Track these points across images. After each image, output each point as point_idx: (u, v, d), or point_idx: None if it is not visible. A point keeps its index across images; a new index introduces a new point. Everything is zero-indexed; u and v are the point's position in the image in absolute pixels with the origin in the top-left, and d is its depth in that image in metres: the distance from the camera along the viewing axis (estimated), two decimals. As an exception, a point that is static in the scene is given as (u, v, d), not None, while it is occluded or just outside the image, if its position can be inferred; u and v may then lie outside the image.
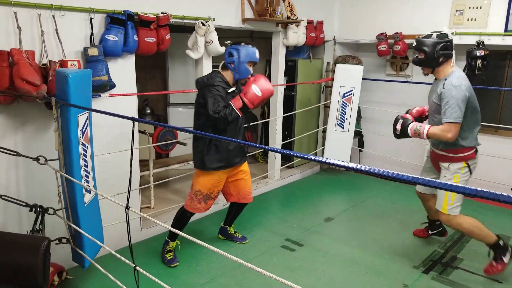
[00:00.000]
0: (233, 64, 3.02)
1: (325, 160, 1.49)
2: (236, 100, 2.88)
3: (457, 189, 1.17)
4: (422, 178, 1.22)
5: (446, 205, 3.08)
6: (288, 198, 5.06)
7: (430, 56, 2.97)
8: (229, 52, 3.05)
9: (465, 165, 3.08)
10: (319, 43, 5.60)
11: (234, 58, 3.01)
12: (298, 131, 5.81)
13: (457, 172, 3.08)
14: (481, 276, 3.28)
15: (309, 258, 3.55)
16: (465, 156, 3.07)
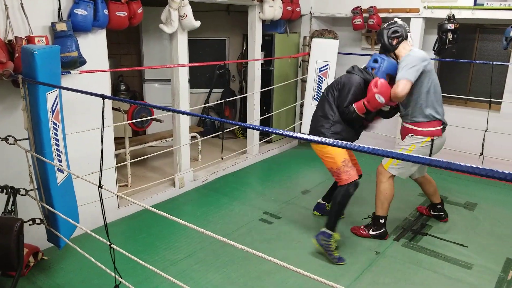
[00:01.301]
0: (374, 70, 3.22)
1: (290, 134, 1.52)
2: (359, 105, 3.12)
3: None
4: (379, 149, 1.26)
5: (390, 163, 3.36)
6: (266, 173, 5.13)
7: (384, 43, 3.26)
8: (374, 58, 3.26)
9: (428, 140, 3.24)
10: (296, 17, 5.56)
11: (377, 65, 3.22)
12: (276, 106, 5.83)
13: (416, 143, 3.27)
14: (448, 242, 3.46)
15: (286, 229, 3.65)
16: (429, 132, 3.23)
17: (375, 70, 3.20)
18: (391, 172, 3.36)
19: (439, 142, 3.30)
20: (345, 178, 3.21)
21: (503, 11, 4.45)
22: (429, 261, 3.19)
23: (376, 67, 3.21)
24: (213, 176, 4.69)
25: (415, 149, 3.26)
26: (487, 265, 3.14)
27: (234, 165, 5.00)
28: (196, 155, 5.04)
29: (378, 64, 3.20)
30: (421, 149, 3.25)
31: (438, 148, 3.33)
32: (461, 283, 2.93)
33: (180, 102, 4.16)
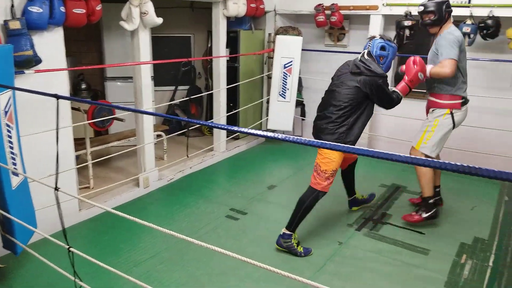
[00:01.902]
0: (383, 58, 3.17)
1: (245, 130, 1.55)
2: (403, 88, 3.18)
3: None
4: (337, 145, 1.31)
5: (420, 143, 3.46)
6: (233, 169, 5.15)
7: (440, 15, 3.30)
8: (382, 46, 3.18)
9: (448, 112, 3.38)
10: (260, 14, 5.59)
11: (385, 53, 3.17)
12: (243, 102, 5.85)
13: (439, 117, 3.41)
14: (407, 229, 3.60)
15: (252, 225, 3.69)
16: (449, 104, 3.38)
17: (383, 58, 3.17)
18: (424, 151, 3.44)
19: (460, 116, 3.43)
20: (324, 184, 3.18)
21: (457, 8, 4.62)
22: (389, 249, 3.32)
23: (384, 55, 3.17)
24: (179, 175, 4.67)
25: (439, 123, 3.41)
26: (443, 250, 3.30)
27: (201, 163, 5.00)
28: (162, 154, 5.00)
29: (386, 52, 3.17)
30: (444, 121, 3.40)
31: (459, 122, 3.46)
32: (418, 269, 3.07)
33: (143, 100, 4.11)
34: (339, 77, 3.25)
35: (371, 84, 3.05)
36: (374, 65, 3.10)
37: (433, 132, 3.42)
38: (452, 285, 2.90)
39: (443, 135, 3.44)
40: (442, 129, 3.41)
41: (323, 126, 3.21)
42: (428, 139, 3.42)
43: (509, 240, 3.47)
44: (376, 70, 3.07)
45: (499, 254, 3.27)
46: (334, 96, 3.18)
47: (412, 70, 3.17)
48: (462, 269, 3.07)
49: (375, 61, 3.16)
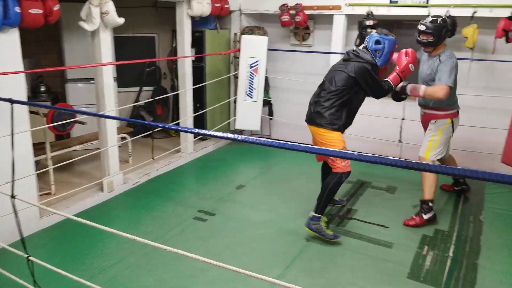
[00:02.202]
0: (379, 52, 3.23)
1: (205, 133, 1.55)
2: (395, 78, 3.27)
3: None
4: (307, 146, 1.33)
5: (429, 152, 3.67)
6: (201, 171, 5.12)
7: (438, 39, 3.47)
8: (377, 40, 3.23)
9: (450, 121, 3.66)
10: (225, 13, 5.58)
11: (381, 47, 3.22)
12: (210, 102, 5.82)
13: (442, 126, 3.66)
14: (372, 224, 3.70)
15: (220, 226, 3.68)
16: (450, 114, 3.66)
17: (379, 52, 3.24)
18: (433, 158, 3.66)
19: (457, 121, 3.77)
20: (342, 165, 3.30)
21: (415, 8, 4.79)
22: (354, 244, 3.40)
23: (380, 48, 3.23)
24: (145, 178, 4.59)
25: (443, 131, 3.66)
26: (406, 242, 3.41)
27: (167, 165, 4.94)
28: (127, 156, 4.90)
29: (382, 46, 3.23)
30: (447, 130, 3.68)
31: (456, 126, 3.78)
32: (383, 262, 3.16)
33: (106, 102, 4.02)
34: (334, 66, 3.43)
35: (360, 69, 3.17)
36: (364, 53, 3.23)
37: (438, 140, 3.67)
38: (414, 276, 3.00)
39: (446, 141, 3.74)
40: (446, 137, 3.70)
41: (314, 111, 3.38)
42: (435, 147, 3.66)
43: (467, 231, 3.63)
44: (364, 57, 3.19)
45: (458, 244, 3.41)
46: (325, 84, 3.35)
47: (403, 61, 3.26)
48: (424, 260, 3.18)
49: (371, 54, 3.25)
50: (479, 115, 4.89)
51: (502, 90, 4.73)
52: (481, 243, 3.43)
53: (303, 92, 6.08)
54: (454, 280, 2.96)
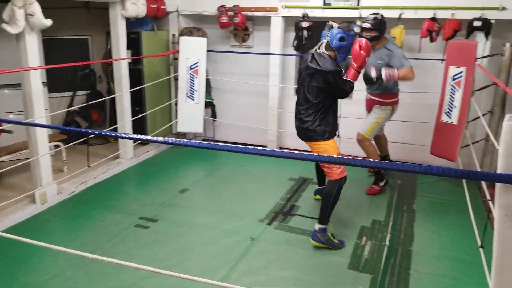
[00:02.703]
0: (343, 48, 3.20)
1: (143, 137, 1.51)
2: (354, 75, 3.25)
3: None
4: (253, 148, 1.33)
5: (369, 133, 4.19)
6: (142, 176, 4.98)
7: (381, 33, 3.96)
8: (341, 37, 3.17)
9: (391, 108, 4.22)
10: (162, 14, 5.48)
11: (345, 44, 3.19)
12: (150, 105, 5.67)
13: (384, 111, 4.19)
14: (313, 218, 3.80)
15: (164, 232, 3.60)
16: (392, 102, 4.20)
17: (343, 49, 3.20)
18: (370, 137, 4.25)
19: (396, 108, 4.30)
20: (339, 171, 3.29)
21: (348, 10, 5.00)
22: (298, 239, 3.48)
23: (344, 45, 3.19)
24: (82, 187, 4.38)
25: (384, 115, 4.21)
26: (346, 234, 3.54)
27: (105, 172, 4.74)
28: (61, 165, 4.64)
29: (346, 42, 3.19)
30: (387, 115, 4.23)
31: (395, 111, 4.32)
32: (325, 255, 3.26)
33: (34, 109, 3.78)
34: (302, 75, 3.39)
35: (327, 80, 3.18)
36: (325, 62, 3.14)
37: (379, 123, 4.23)
38: (354, 266, 3.12)
39: (383, 124, 4.34)
40: (384, 120, 4.25)
41: (302, 127, 3.38)
42: (375, 128, 4.22)
43: (401, 220, 3.84)
44: (326, 68, 3.13)
45: (394, 233, 3.61)
46: (302, 96, 3.36)
47: (360, 56, 3.21)
48: (363, 250, 3.33)
49: (334, 52, 3.21)
50: (409, 111, 5.19)
51: (429, 86, 5.07)
52: (415, 231, 3.65)
53: (245, 93, 6.14)
54: (391, 267, 3.12)
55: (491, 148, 4.35)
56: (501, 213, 1.01)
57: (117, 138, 5.18)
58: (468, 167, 4.86)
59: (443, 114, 4.33)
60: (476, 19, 4.44)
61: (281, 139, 6.06)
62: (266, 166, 5.12)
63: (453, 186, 4.51)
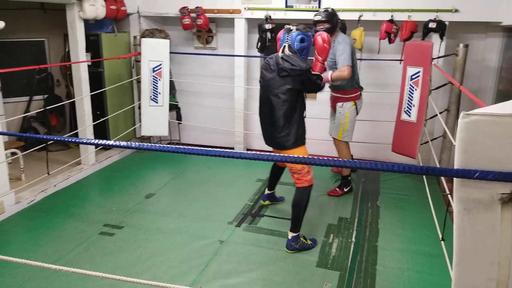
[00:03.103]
0: (304, 49, 3.22)
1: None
2: (321, 68, 3.32)
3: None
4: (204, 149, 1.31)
5: (341, 134, 4.21)
6: (106, 182, 4.84)
7: (333, 25, 3.93)
8: (301, 38, 3.20)
9: (353, 104, 4.16)
10: (122, 16, 5.35)
11: (306, 44, 3.22)
12: (112, 109, 5.53)
13: (348, 109, 4.16)
14: (281, 219, 3.85)
15: (130, 238, 3.51)
16: (353, 97, 4.16)
17: (304, 50, 3.22)
18: (345, 140, 4.25)
19: (360, 103, 4.25)
20: (308, 178, 3.32)
21: (309, 12, 5.08)
22: (267, 240, 3.49)
23: (305, 46, 3.22)
24: (41, 195, 4.20)
25: (349, 114, 4.18)
26: (314, 233, 3.59)
27: (67, 179, 4.57)
28: (19, 173, 4.43)
29: (306, 43, 3.21)
30: (352, 112, 4.20)
31: (360, 109, 4.28)
32: (293, 254, 3.29)
33: (-13, 115, 3.60)
34: (269, 81, 3.24)
35: (302, 80, 3.16)
36: (297, 61, 3.13)
37: (348, 123, 4.20)
38: (323, 264, 3.17)
39: (353, 121, 4.26)
40: (352, 119, 4.24)
41: (276, 136, 3.27)
42: (346, 128, 4.20)
43: (367, 216, 3.95)
44: (301, 67, 3.11)
45: (359, 229, 3.70)
46: (273, 104, 3.22)
47: (325, 50, 3.31)
48: (330, 248, 3.39)
49: (297, 54, 3.21)
50: (370, 110, 5.34)
51: (389, 86, 5.24)
52: (379, 226, 3.75)
53: (211, 94, 6.11)
54: (358, 263, 3.20)
55: (448, 145, 4.55)
56: (459, 207, 1.06)
57: (78, 144, 5.01)
58: (428, 163, 5.07)
59: (402, 113, 4.49)
60: (431, 21, 4.63)
61: (248, 140, 6.07)
62: (234, 168, 5.11)
63: (414, 182, 4.68)
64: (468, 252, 1.05)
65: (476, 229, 1.02)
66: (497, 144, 0.96)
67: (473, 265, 1.04)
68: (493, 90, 4.99)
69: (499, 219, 0.99)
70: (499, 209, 0.99)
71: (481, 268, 1.04)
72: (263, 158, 1.40)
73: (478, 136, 0.97)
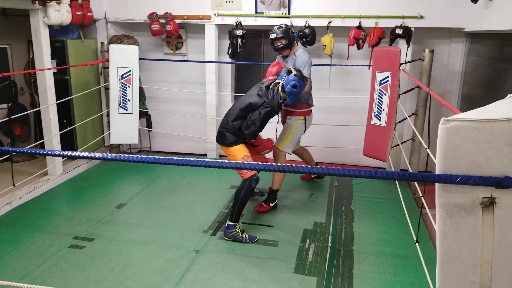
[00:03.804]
0: (293, 94, 3.55)
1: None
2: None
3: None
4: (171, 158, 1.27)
5: (283, 144, 4.10)
6: (74, 193, 4.66)
7: (290, 40, 3.95)
8: (294, 84, 3.52)
9: (303, 119, 4.10)
10: (88, 22, 5.21)
11: (296, 91, 3.54)
12: (79, 117, 5.37)
13: (296, 121, 4.09)
14: (257, 225, 3.83)
15: (101, 251, 3.39)
16: (303, 112, 4.10)
17: (293, 94, 3.55)
18: (286, 150, 4.11)
19: (310, 121, 4.21)
20: (245, 172, 3.51)
21: (279, 18, 5.11)
22: (242, 247, 3.46)
23: (295, 92, 3.55)
24: (6, 208, 4.00)
25: (296, 127, 4.09)
26: (289, 239, 3.60)
27: (33, 191, 4.38)
28: (-20, 186, 4.21)
29: (297, 90, 3.55)
30: (300, 126, 4.11)
31: (309, 126, 4.21)
32: (270, 261, 3.27)
33: None
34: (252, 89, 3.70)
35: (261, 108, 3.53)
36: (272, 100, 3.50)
37: (292, 134, 4.11)
38: (300, 269, 3.17)
39: (298, 136, 4.20)
40: (298, 132, 4.15)
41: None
42: (289, 140, 4.10)
43: (341, 221, 3.98)
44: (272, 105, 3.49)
45: (335, 234, 3.72)
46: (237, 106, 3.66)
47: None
48: (307, 253, 3.39)
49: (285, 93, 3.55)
50: (341, 115, 5.44)
51: (358, 91, 5.34)
52: (354, 230, 3.79)
53: (182, 101, 6.03)
54: (335, 268, 3.21)
55: (417, 147, 4.68)
56: (441, 212, 1.07)
57: (43, 155, 4.81)
58: (398, 166, 5.19)
59: (373, 117, 4.59)
60: (397, 27, 4.77)
61: (219, 149, 6.02)
62: (207, 175, 5.05)
63: (386, 185, 4.77)
64: (451, 256, 1.06)
65: (459, 233, 1.04)
66: (477, 149, 0.98)
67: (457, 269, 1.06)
68: (457, 94, 5.18)
69: (480, 223, 1.01)
70: (480, 213, 1.01)
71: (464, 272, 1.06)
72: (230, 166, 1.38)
73: (458, 141, 0.99)
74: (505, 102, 1.17)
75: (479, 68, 4.69)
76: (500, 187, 1.01)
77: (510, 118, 0.95)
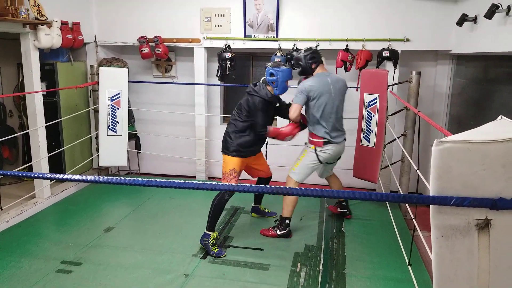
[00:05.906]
0: (274, 82, 3.61)
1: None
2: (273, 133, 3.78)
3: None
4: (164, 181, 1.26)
5: (291, 171, 3.94)
6: (62, 216, 4.56)
7: (304, 67, 3.79)
8: (271, 72, 3.61)
9: (313, 148, 3.85)
10: (79, 45, 5.22)
11: (275, 78, 3.60)
12: (68, 139, 5.31)
13: (307, 149, 3.91)
14: (248, 248, 3.78)
15: (89, 275, 3.31)
16: (314, 142, 3.87)
17: (275, 82, 3.62)
18: (292, 176, 3.91)
19: (325, 155, 3.87)
20: (224, 178, 3.70)
21: (267, 42, 5.20)
22: (233, 272, 3.40)
23: (275, 80, 3.61)
24: (-9, 233, 3.90)
25: (306, 154, 3.91)
26: (281, 262, 3.54)
27: (20, 214, 4.28)
28: (-35, 210, 4.10)
29: (275, 77, 3.61)
30: (310, 154, 3.88)
31: (325, 159, 3.91)
32: (261, 285, 3.22)
33: None
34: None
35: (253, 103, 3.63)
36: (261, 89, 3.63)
37: (301, 161, 3.90)
38: (292, 293, 3.12)
39: (307, 164, 3.88)
40: (307, 160, 3.88)
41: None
42: (296, 166, 3.92)
43: (333, 243, 3.95)
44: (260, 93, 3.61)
45: (326, 257, 3.68)
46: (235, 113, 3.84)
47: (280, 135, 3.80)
48: (298, 277, 3.34)
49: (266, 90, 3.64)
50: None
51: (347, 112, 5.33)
52: (346, 253, 3.76)
53: (171, 123, 6.02)
54: (327, 290, 3.17)
55: (407, 169, 4.71)
56: (437, 234, 1.07)
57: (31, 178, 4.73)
58: (388, 187, 5.22)
59: (362, 139, 4.64)
60: (384, 49, 4.88)
61: (210, 168, 6.00)
62: (197, 197, 4.99)
63: (376, 206, 4.78)
64: (448, 278, 1.06)
65: (455, 255, 1.04)
66: (472, 170, 0.99)
67: (453, 291, 1.05)
68: (445, 115, 5.27)
69: (476, 244, 1.02)
70: (476, 235, 1.02)
71: (461, 294, 1.05)
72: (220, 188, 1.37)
73: (452, 162, 1.00)
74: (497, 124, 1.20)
75: (466, 89, 4.80)
76: (495, 209, 1.02)
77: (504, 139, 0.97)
